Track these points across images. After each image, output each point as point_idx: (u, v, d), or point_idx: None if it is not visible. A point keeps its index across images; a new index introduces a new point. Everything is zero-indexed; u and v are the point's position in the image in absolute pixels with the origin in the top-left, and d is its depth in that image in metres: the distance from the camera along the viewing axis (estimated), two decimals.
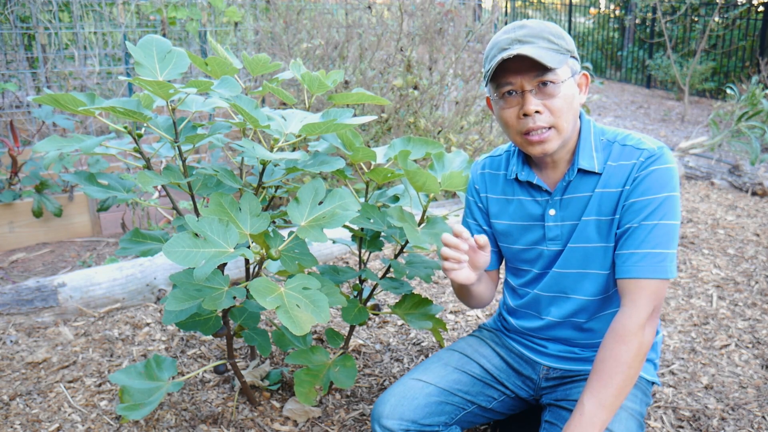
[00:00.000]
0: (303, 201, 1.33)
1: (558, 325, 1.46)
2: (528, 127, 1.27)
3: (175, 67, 1.37)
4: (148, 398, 1.55)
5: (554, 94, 1.26)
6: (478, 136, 3.73)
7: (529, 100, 1.26)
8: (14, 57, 4.55)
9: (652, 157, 1.29)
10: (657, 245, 1.26)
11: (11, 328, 2.23)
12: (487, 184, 1.50)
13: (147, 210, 3.53)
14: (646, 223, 1.27)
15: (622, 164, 1.32)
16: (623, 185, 1.31)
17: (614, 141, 1.35)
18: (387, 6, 3.96)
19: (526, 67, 1.24)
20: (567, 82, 1.27)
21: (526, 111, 1.26)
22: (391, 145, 1.59)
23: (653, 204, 1.27)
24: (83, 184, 1.54)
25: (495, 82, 1.30)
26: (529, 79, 1.25)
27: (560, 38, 1.27)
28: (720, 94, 8.55)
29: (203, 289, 1.32)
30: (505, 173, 1.47)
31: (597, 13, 11.85)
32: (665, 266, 1.25)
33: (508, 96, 1.29)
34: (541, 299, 1.46)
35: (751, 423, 1.77)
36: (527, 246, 1.45)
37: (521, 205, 1.43)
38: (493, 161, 1.50)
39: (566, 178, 1.35)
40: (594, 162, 1.33)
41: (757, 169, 4.92)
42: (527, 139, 1.29)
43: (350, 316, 1.65)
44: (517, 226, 1.45)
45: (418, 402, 1.39)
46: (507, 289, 1.58)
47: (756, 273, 2.86)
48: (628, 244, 1.28)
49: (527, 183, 1.41)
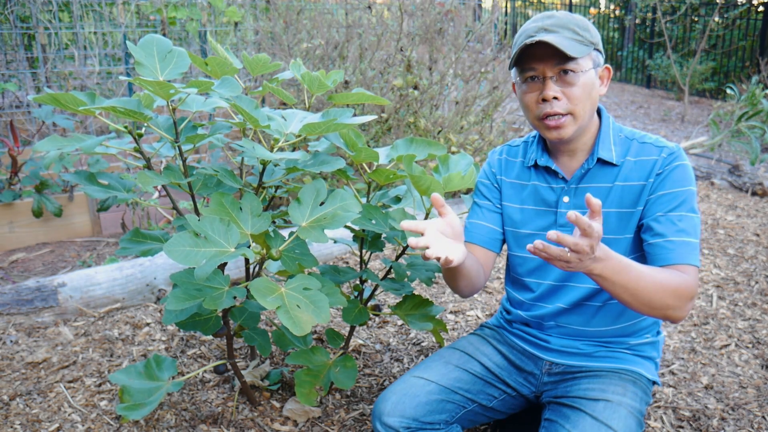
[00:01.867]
0: (304, 201, 1.33)
1: (566, 311, 1.47)
2: (545, 112, 1.33)
3: (176, 67, 1.37)
4: (148, 398, 1.55)
5: (574, 83, 1.31)
6: (478, 136, 3.73)
7: (549, 86, 1.32)
8: (14, 57, 4.55)
9: (674, 154, 1.36)
10: (689, 234, 1.31)
11: (11, 328, 2.23)
12: (503, 167, 1.55)
13: (147, 210, 3.53)
14: (674, 214, 1.32)
15: (643, 159, 1.38)
16: (646, 178, 1.36)
17: (633, 138, 1.42)
18: (387, 6, 3.95)
19: (549, 54, 1.30)
20: (588, 72, 1.32)
21: (545, 96, 1.32)
22: (393, 145, 1.59)
23: (681, 196, 1.33)
24: (83, 184, 1.54)
25: (519, 67, 1.36)
26: (550, 66, 1.31)
27: (585, 30, 1.33)
28: (720, 94, 8.55)
29: (204, 289, 1.32)
30: (522, 160, 1.52)
31: (597, 13, 11.85)
32: (696, 255, 1.30)
33: (531, 81, 1.35)
34: (554, 289, 1.48)
35: (751, 423, 1.77)
36: (536, 231, 1.48)
37: (536, 190, 1.48)
38: (510, 149, 1.56)
39: (585, 167, 1.41)
40: (612, 154, 1.39)
41: (757, 169, 4.92)
42: (545, 123, 1.35)
43: (351, 316, 1.65)
44: (529, 210, 1.49)
45: (420, 399, 1.39)
46: (513, 284, 1.59)
47: (756, 273, 2.86)
48: (662, 233, 1.32)
49: (545, 169, 1.46)
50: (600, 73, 1.38)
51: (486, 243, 1.53)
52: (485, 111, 3.79)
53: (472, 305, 2.51)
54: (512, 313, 1.59)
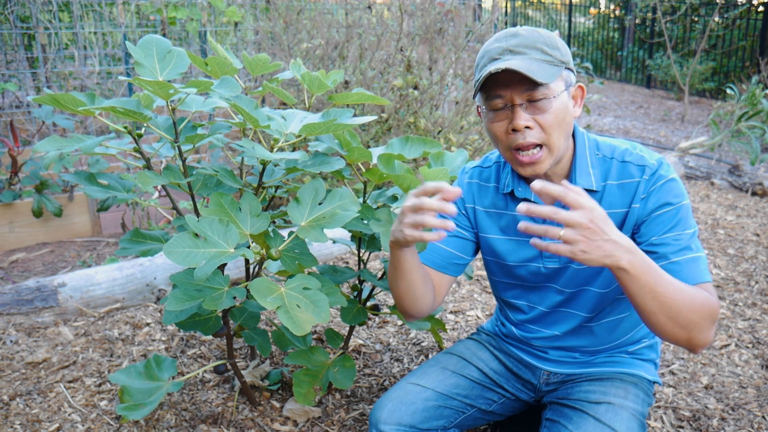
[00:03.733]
0: (303, 201, 1.33)
1: (563, 338, 1.45)
2: (518, 143, 1.21)
3: (175, 67, 1.37)
4: (148, 398, 1.55)
5: (546, 109, 1.20)
6: (478, 136, 3.73)
7: (519, 115, 1.19)
8: (14, 57, 4.55)
9: (656, 174, 1.26)
10: (692, 250, 1.22)
11: (11, 328, 2.23)
12: (474, 195, 1.43)
13: (147, 210, 3.53)
14: (672, 234, 1.22)
15: (625, 183, 1.28)
16: (629, 204, 1.27)
17: (612, 157, 1.30)
18: (387, 6, 3.95)
19: (516, 80, 1.18)
20: (560, 96, 1.21)
21: (515, 126, 1.20)
22: (389, 144, 1.59)
23: (674, 215, 1.23)
24: (83, 184, 1.54)
25: (484, 94, 1.24)
26: (519, 93, 1.19)
27: (554, 48, 1.21)
28: (720, 94, 8.55)
29: (203, 290, 1.32)
30: (496, 185, 1.41)
31: (597, 13, 11.85)
32: (706, 270, 1.21)
33: (498, 109, 1.23)
34: (548, 315, 1.45)
35: (751, 423, 1.76)
36: (520, 263, 1.40)
37: (515, 220, 1.38)
38: (482, 172, 1.44)
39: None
40: (591, 179, 1.29)
41: (757, 169, 4.92)
42: (517, 158, 1.24)
43: (349, 316, 1.65)
44: (511, 241, 1.40)
45: (416, 407, 1.37)
46: (505, 305, 1.54)
47: (756, 273, 2.86)
48: (664, 254, 1.22)
49: (523, 199, 1.36)
50: (573, 93, 1.25)
51: (442, 267, 1.42)
52: None
53: (472, 305, 2.51)
54: (507, 327, 1.55)
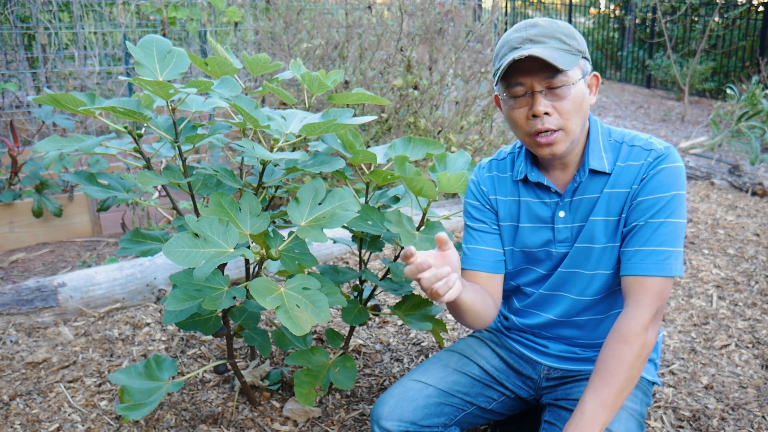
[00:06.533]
0: (303, 201, 1.33)
1: (560, 323, 1.46)
2: (537, 129, 1.26)
3: (175, 67, 1.37)
4: (148, 398, 1.55)
5: (564, 96, 1.25)
6: (478, 136, 3.74)
7: (539, 102, 1.24)
8: (14, 57, 4.55)
9: (660, 157, 1.29)
10: (663, 243, 1.26)
11: (11, 328, 2.23)
12: (495, 186, 1.46)
13: (147, 210, 3.53)
14: (653, 221, 1.27)
15: (631, 164, 1.32)
16: (631, 185, 1.31)
17: (622, 141, 1.35)
18: (387, 6, 3.95)
19: (536, 67, 1.23)
20: (578, 83, 1.26)
21: (535, 112, 1.25)
22: (391, 145, 1.58)
23: (661, 202, 1.27)
24: (83, 184, 1.54)
25: (505, 82, 1.28)
26: (539, 80, 1.24)
27: (572, 38, 1.26)
28: (720, 94, 8.55)
29: (203, 289, 1.32)
30: (511, 174, 1.45)
31: (597, 13, 11.85)
32: (670, 264, 1.25)
33: (519, 96, 1.28)
34: (545, 298, 1.46)
35: (751, 423, 1.76)
36: (536, 248, 1.43)
37: (528, 207, 1.41)
38: (498, 164, 1.48)
39: (577, 179, 1.34)
40: (604, 162, 1.33)
41: (757, 169, 4.92)
42: (536, 141, 1.28)
43: (350, 316, 1.65)
44: (527, 228, 1.42)
45: (417, 403, 1.39)
46: (511, 292, 1.55)
47: (756, 273, 2.86)
48: (634, 242, 1.28)
49: (536, 184, 1.39)
50: (589, 81, 1.31)
51: (490, 267, 1.45)
52: (485, 111, 3.79)
53: None
54: (510, 320, 1.57)
